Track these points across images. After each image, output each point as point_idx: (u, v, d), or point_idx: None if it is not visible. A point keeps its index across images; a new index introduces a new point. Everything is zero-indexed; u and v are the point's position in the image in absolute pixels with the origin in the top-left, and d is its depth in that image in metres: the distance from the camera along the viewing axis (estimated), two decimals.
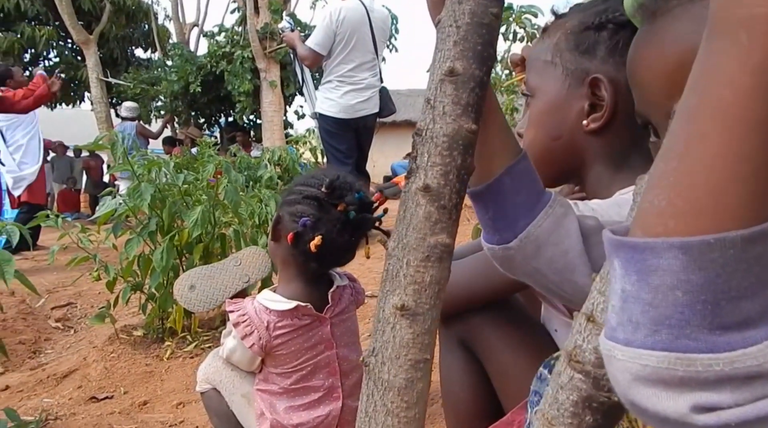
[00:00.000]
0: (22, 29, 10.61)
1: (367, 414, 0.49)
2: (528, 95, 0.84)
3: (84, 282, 3.86)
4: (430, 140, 0.48)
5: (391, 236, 0.49)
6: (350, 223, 1.13)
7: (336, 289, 1.25)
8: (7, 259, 1.34)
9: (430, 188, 0.48)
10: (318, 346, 1.23)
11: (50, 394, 2.18)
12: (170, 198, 2.27)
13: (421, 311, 0.48)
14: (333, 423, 1.25)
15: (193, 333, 2.44)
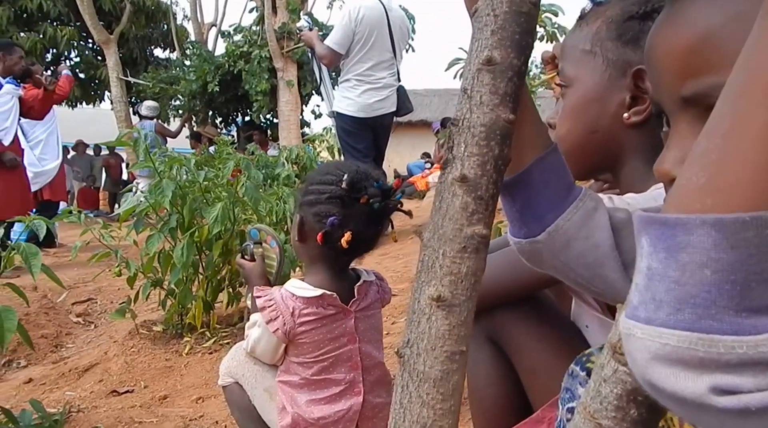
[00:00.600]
0: (45, 29, 10.76)
1: (401, 406, 0.48)
2: (563, 86, 0.82)
3: (104, 278, 3.90)
4: (467, 130, 0.48)
5: (426, 227, 0.49)
6: (375, 213, 1.15)
7: (363, 283, 1.26)
8: (33, 252, 1.35)
9: (467, 179, 0.47)
10: (341, 338, 1.23)
11: (72, 387, 2.21)
12: (190, 195, 2.29)
13: (458, 302, 0.47)
14: (354, 418, 1.25)
15: (211, 329, 2.46)
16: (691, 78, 0.45)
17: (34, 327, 2.91)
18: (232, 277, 2.49)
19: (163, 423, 1.74)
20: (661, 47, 0.48)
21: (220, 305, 2.59)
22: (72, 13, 10.67)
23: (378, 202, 1.13)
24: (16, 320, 1.35)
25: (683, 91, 0.46)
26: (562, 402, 0.57)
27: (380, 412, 1.28)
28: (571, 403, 0.55)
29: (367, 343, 1.27)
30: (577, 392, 0.55)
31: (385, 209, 1.16)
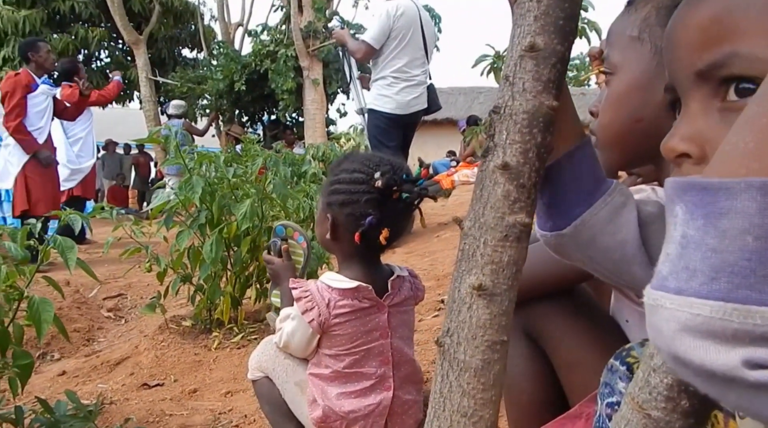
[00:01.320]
0: (76, 31, 10.99)
1: (441, 395, 0.48)
2: (608, 73, 0.80)
3: (134, 274, 3.97)
4: (509, 117, 0.47)
5: (467, 215, 0.49)
6: (407, 205, 1.17)
7: (396, 278, 1.26)
8: (69, 246, 1.38)
9: (509, 166, 0.47)
10: (374, 332, 1.23)
11: (104, 380, 2.25)
12: (219, 192, 2.31)
13: (499, 291, 0.47)
14: (384, 413, 1.25)
15: (239, 324, 2.48)
16: (708, 49, 0.44)
17: (67, 321, 2.97)
18: (259, 273, 2.50)
19: (193, 416, 1.76)
20: (682, 23, 0.47)
21: (248, 301, 2.61)
22: (103, 15, 10.89)
23: (409, 194, 1.14)
24: (52, 312, 1.37)
25: (699, 64, 0.45)
26: (602, 397, 0.56)
27: (409, 409, 1.28)
28: (610, 398, 0.54)
29: (399, 339, 1.26)
30: (617, 387, 0.54)
31: (414, 198, 1.17)
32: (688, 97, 0.47)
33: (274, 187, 2.25)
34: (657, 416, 0.36)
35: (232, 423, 1.67)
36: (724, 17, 0.44)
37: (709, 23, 0.45)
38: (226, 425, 1.67)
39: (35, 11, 10.47)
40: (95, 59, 12.05)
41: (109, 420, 1.77)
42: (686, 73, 0.46)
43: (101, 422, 1.70)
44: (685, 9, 0.48)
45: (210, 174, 2.33)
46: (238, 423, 1.67)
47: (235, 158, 2.98)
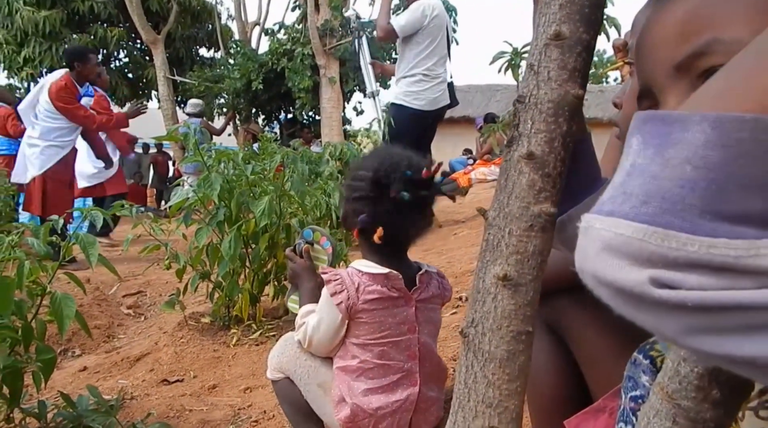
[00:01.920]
0: (95, 31, 11.11)
1: (466, 386, 0.48)
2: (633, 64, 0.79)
3: (152, 272, 4.01)
4: (534, 106, 0.47)
5: (491, 205, 0.48)
6: (407, 204, 1.15)
7: (424, 273, 1.26)
8: (91, 242, 1.40)
9: (534, 156, 0.46)
10: (401, 326, 1.23)
11: (124, 376, 2.27)
12: (237, 189, 2.33)
13: (524, 281, 0.46)
14: (410, 408, 1.24)
15: (257, 321, 2.49)
16: (688, 40, 0.45)
17: (88, 318, 3.01)
18: (277, 270, 2.52)
19: (213, 411, 1.77)
20: (658, 23, 0.48)
21: (266, 298, 2.62)
22: (121, 14, 11.00)
23: (407, 193, 1.13)
24: (74, 307, 1.39)
25: (678, 57, 0.45)
26: (625, 391, 0.55)
27: (431, 406, 1.28)
28: (634, 392, 0.54)
29: (427, 335, 1.27)
30: (641, 380, 0.54)
31: (419, 198, 1.16)
32: (666, 95, 0.47)
33: (292, 184, 2.26)
34: (687, 406, 0.36)
35: (252, 419, 1.68)
36: (701, 9, 0.45)
37: (688, 16, 0.45)
38: (246, 421, 1.68)
39: (55, 11, 10.61)
40: (114, 59, 12.18)
41: (130, 414, 1.79)
42: (664, 70, 0.46)
43: (122, 416, 1.72)
44: (658, 10, 0.48)
45: (228, 172, 2.35)
46: (258, 419, 1.68)
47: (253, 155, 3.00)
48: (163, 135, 2.17)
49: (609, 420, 0.64)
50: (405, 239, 1.26)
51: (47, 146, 4.46)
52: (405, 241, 1.27)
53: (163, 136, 2.11)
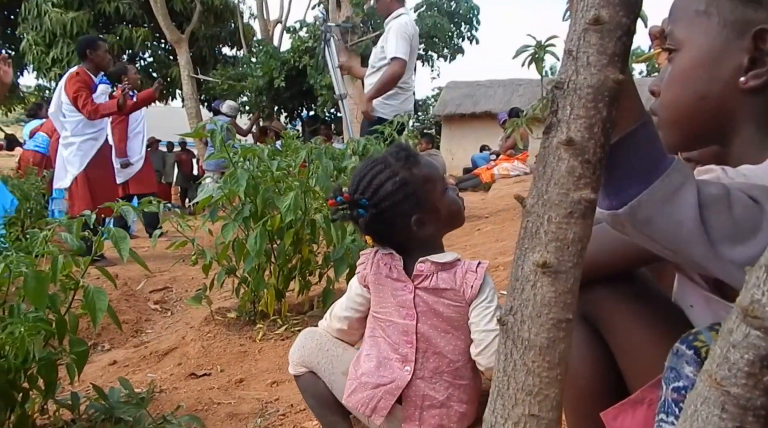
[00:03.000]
0: (121, 31, 11.28)
1: (505, 373, 0.47)
2: (672, 50, 0.78)
3: (178, 268, 4.06)
4: (573, 92, 0.46)
5: (529, 193, 0.48)
6: None
7: (425, 261, 1.24)
8: (122, 236, 1.42)
9: (573, 142, 0.46)
10: (401, 309, 1.25)
11: (153, 370, 2.31)
12: (263, 185, 2.34)
13: (564, 269, 0.46)
14: (395, 393, 1.22)
15: (282, 316, 2.51)
16: None
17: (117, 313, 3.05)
18: (302, 266, 2.53)
19: (240, 404, 1.79)
20: None
21: (291, 294, 2.64)
22: (146, 15, 11.15)
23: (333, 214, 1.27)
24: (107, 301, 1.42)
25: None
26: (667, 382, 0.55)
27: (432, 408, 1.23)
28: (676, 383, 0.53)
29: (429, 327, 1.24)
30: (683, 371, 0.53)
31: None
32: None
33: (317, 179, 2.27)
34: (737, 392, 0.35)
35: (279, 412, 1.70)
36: None
37: None
38: (273, 414, 1.69)
39: (82, 13, 10.80)
40: (139, 59, 12.35)
41: (160, 407, 1.81)
42: None
43: (152, 409, 1.74)
44: None
45: (254, 168, 2.36)
46: (285, 412, 1.69)
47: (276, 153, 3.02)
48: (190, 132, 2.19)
49: (648, 411, 0.63)
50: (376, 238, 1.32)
51: (83, 140, 4.52)
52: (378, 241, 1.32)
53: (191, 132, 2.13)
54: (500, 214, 4.37)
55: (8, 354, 1.28)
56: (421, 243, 1.26)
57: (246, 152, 2.34)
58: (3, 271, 1.26)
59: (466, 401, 1.24)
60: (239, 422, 1.68)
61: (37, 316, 1.31)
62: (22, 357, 1.28)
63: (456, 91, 13.85)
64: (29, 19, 10.99)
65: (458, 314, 1.23)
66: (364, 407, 1.24)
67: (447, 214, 1.28)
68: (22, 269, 1.28)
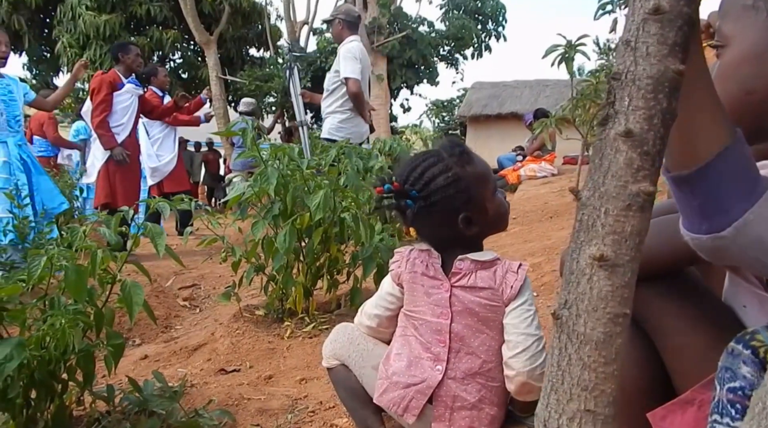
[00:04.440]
0: (152, 33, 11.47)
1: (559, 368, 0.47)
2: (719, 45, 0.77)
3: (206, 266, 4.12)
4: (632, 83, 0.45)
5: (584, 185, 0.47)
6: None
7: (464, 260, 1.23)
8: (158, 232, 1.44)
9: (632, 133, 0.45)
10: (435, 307, 1.24)
11: (183, 365, 2.34)
12: (292, 183, 2.36)
13: (621, 262, 0.45)
14: (426, 392, 1.22)
15: (310, 314, 2.52)
16: None
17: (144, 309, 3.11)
18: (330, 264, 2.54)
19: (270, 401, 1.80)
20: None
21: (318, 292, 2.65)
22: (176, 17, 11.31)
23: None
24: (143, 295, 1.45)
25: None
26: (721, 382, 0.53)
27: (462, 410, 1.21)
28: (732, 383, 0.52)
29: (464, 327, 1.22)
30: (740, 371, 0.52)
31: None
32: None
33: (347, 178, 2.27)
34: None
35: (309, 409, 1.70)
36: None
37: None
38: (303, 410, 1.70)
39: (115, 15, 11.00)
40: (169, 60, 12.54)
41: (191, 401, 1.83)
42: None
43: (183, 403, 1.77)
44: None
45: (283, 166, 2.38)
46: (315, 409, 1.70)
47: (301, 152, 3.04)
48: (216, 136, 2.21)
49: (698, 412, 0.62)
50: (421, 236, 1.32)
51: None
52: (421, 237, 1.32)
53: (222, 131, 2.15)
54: (528, 215, 4.34)
55: (49, 346, 1.31)
56: (463, 242, 1.25)
57: (276, 151, 2.36)
58: (45, 264, 1.29)
59: (497, 404, 1.23)
60: (269, 417, 1.69)
61: (77, 309, 1.33)
62: (62, 349, 1.31)
63: (481, 92, 13.78)
64: (64, 22, 11.24)
65: (494, 314, 1.22)
66: (396, 406, 1.24)
67: (494, 215, 1.27)
68: (63, 263, 1.31)
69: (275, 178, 2.21)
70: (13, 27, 11.63)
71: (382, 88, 8.88)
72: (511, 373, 1.18)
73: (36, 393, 1.40)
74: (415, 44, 11.68)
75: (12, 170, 3.68)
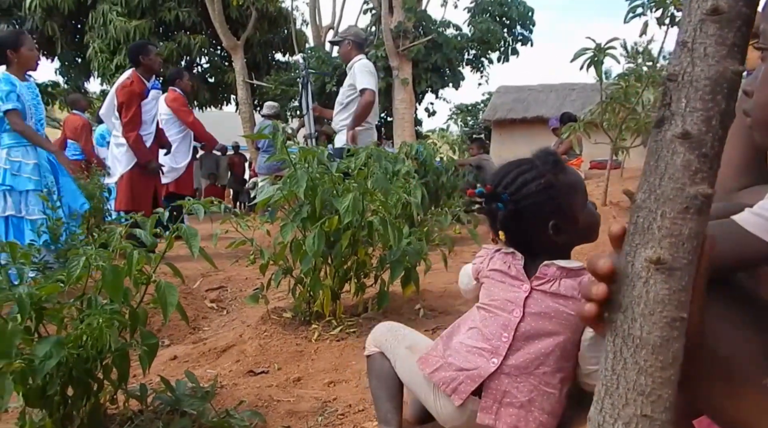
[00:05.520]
0: (180, 38, 11.66)
1: (614, 372, 0.46)
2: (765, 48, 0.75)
3: (231, 268, 4.15)
4: (689, 84, 0.45)
5: (639, 187, 0.47)
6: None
7: (550, 266, 1.24)
8: (193, 234, 1.46)
9: (689, 135, 0.44)
10: (508, 303, 1.26)
11: (212, 366, 2.36)
12: (321, 186, 2.37)
13: (679, 265, 0.45)
14: (476, 380, 1.23)
15: (337, 317, 2.53)
16: None
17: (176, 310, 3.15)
18: (357, 267, 2.55)
19: (299, 403, 1.81)
20: None
21: (346, 295, 2.66)
22: (204, 22, 11.48)
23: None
24: (177, 296, 1.47)
25: None
26: None
27: (510, 407, 1.22)
28: None
29: (532, 329, 1.23)
30: None
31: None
32: None
33: (376, 181, 2.28)
34: None
35: (338, 412, 1.71)
36: None
37: None
38: (333, 413, 1.71)
39: (144, 21, 11.22)
40: (196, 65, 12.73)
41: (221, 402, 1.85)
42: None
43: (214, 403, 1.79)
44: None
45: (312, 169, 2.40)
46: (344, 412, 1.70)
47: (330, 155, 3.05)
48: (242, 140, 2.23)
49: None
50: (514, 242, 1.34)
51: None
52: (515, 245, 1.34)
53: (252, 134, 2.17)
54: None
55: (86, 344, 1.33)
56: (551, 249, 1.26)
57: (305, 154, 2.38)
58: (84, 264, 1.32)
59: (549, 412, 1.22)
60: (299, 420, 1.69)
61: (113, 308, 1.36)
62: (99, 348, 1.33)
63: (507, 96, 13.72)
64: (95, 28, 11.50)
65: (567, 323, 1.22)
66: (446, 386, 1.26)
67: (584, 225, 1.29)
68: (100, 264, 1.33)
69: (305, 181, 2.23)
70: (47, 33, 11.93)
71: (407, 92, 8.88)
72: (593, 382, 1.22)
73: (73, 391, 1.43)
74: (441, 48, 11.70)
75: (42, 171, 3.73)
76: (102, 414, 1.54)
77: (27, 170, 3.65)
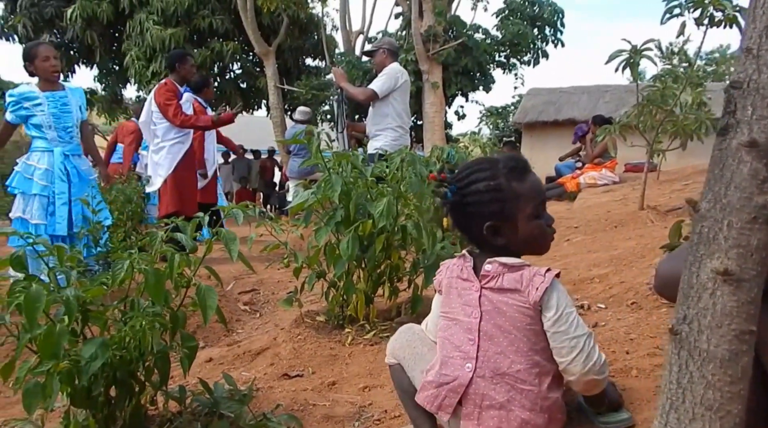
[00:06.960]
0: (213, 45, 11.86)
1: (680, 386, 0.45)
2: None
3: (264, 271, 4.19)
4: (755, 92, 0.44)
5: (703, 196, 0.46)
6: None
7: (492, 263, 1.29)
8: (232, 238, 1.48)
9: (757, 144, 0.43)
10: (467, 308, 1.31)
11: (246, 368, 2.38)
12: (355, 191, 2.38)
13: (747, 277, 0.43)
14: (457, 391, 1.26)
15: (371, 321, 2.52)
16: None
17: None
18: (391, 271, 2.54)
19: (335, 407, 1.81)
20: None
21: (379, 299, 2.66)
22: (236, 29, 11.65)
23: None
24: (216, 299, 1.49)
25: None
26: None
27: (491, 409, 1.23)
28: None
29: (492, 326, 1.27)
30: None
31: None
32: None
33: (410, 185, 2.28)
34: None
35: (374, 417, 1.70)
36: None
37: None
38: (369, 418, 1.70)
39: (179, 29, 11.44)
40: (229, 71, 12.92)
41: (258, 405, 1.86)
42: None
43: (251, 406, 1.80)
44: None
45: (347, 174, 2.40)
46: (380, 417, 1.70)
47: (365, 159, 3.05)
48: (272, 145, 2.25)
49: None
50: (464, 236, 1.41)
51: (172, 144, 4.84)
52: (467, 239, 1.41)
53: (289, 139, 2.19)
54: (590, 224, 4.22)
55: (129, 346, 1.36)
56: (493, 249, 1.32)
57: (340, 158, 2.39)
58: (128, 268, 1.35)
59: (529, 408, 1.24)
60: (336, 424, 1.70)
61: (155, 311, 1.38)
62: (141, 350, 1.36)
63: (538, 98, 13.56)
64: (133, 36, 11.77)
65: (521, 315, 1.26)
66: (430, 404, 1.30)
67: (527, 236, 1.32)
68: (143, 267, 1.36)
69: (339, 185, 2.24)
70: (87, 42, 12.27)
71: (437, 95, 8.86)
72: (573, 378, 1.23)
73: (116, 392, 1.46)
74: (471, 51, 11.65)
75: (52, 178, 3.71)
76: (143, 415, 1.56)
77: (37, 174, 3.71)
